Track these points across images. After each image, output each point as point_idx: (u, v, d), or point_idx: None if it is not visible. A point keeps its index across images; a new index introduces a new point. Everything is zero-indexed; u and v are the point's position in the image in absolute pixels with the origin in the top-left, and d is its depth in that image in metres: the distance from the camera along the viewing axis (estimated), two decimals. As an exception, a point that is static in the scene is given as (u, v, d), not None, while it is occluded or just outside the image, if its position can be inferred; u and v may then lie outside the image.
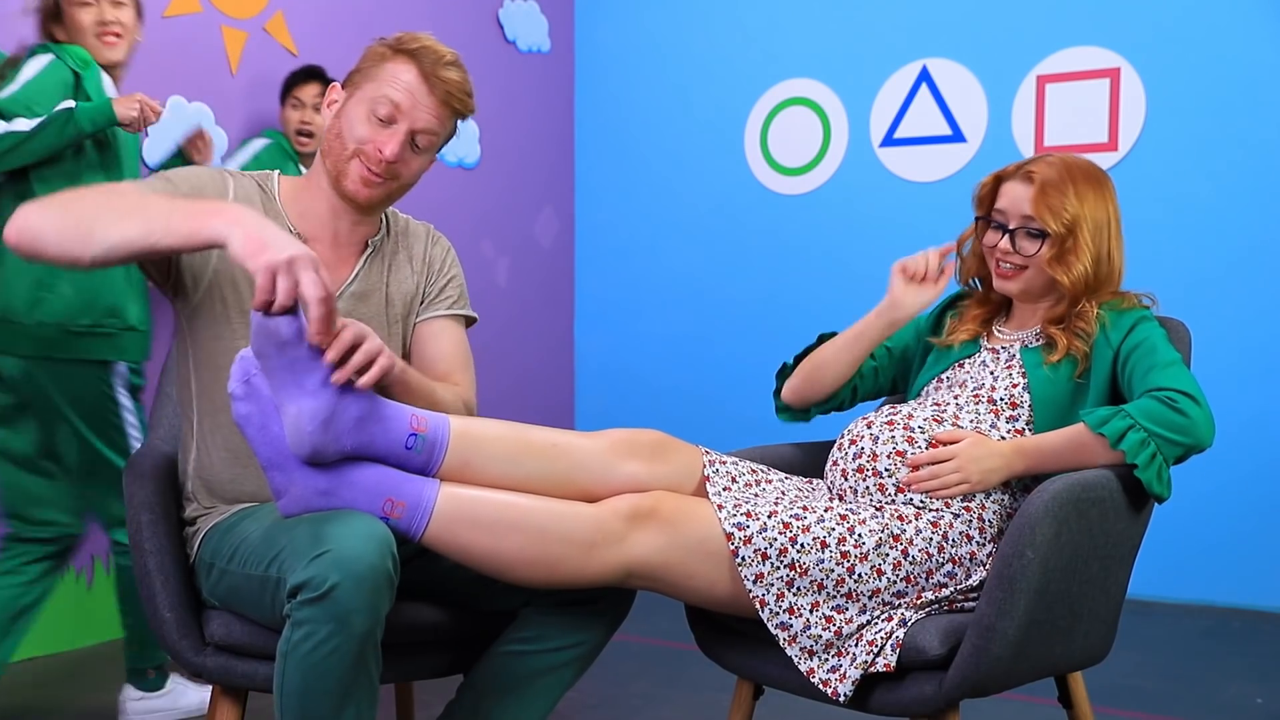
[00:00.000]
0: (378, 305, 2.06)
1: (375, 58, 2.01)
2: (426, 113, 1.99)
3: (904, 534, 1.88)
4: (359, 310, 2.03)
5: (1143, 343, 2.01)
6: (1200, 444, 1.89)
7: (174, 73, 3.65)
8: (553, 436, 1.91)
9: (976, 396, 2.08)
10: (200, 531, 1.96)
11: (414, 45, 2.01)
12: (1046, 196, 2.06)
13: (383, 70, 1.99)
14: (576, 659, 1.94)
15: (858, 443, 2.03)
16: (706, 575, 1.84)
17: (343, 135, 1.98)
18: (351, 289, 2.03)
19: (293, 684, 1.65)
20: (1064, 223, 2.05)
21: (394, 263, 2.10)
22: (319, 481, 1.74)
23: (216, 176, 1.99)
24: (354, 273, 2.04)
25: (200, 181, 1.96)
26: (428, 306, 2.12)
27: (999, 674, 1.80)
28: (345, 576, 1.61)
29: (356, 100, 1.98)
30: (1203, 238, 4.06)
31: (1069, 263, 2.06)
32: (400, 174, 2.00)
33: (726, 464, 2.02)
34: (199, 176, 1.98)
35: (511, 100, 4.87)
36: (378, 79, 1.98)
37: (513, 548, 1.78)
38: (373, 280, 2.06)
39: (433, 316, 2.12)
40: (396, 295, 2.08)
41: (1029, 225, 2.08)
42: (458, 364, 2.11)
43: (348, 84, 2.03)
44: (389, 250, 2.10)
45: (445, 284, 2.14)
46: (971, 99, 4.43)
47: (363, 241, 2.07)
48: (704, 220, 4.95)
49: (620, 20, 5.12)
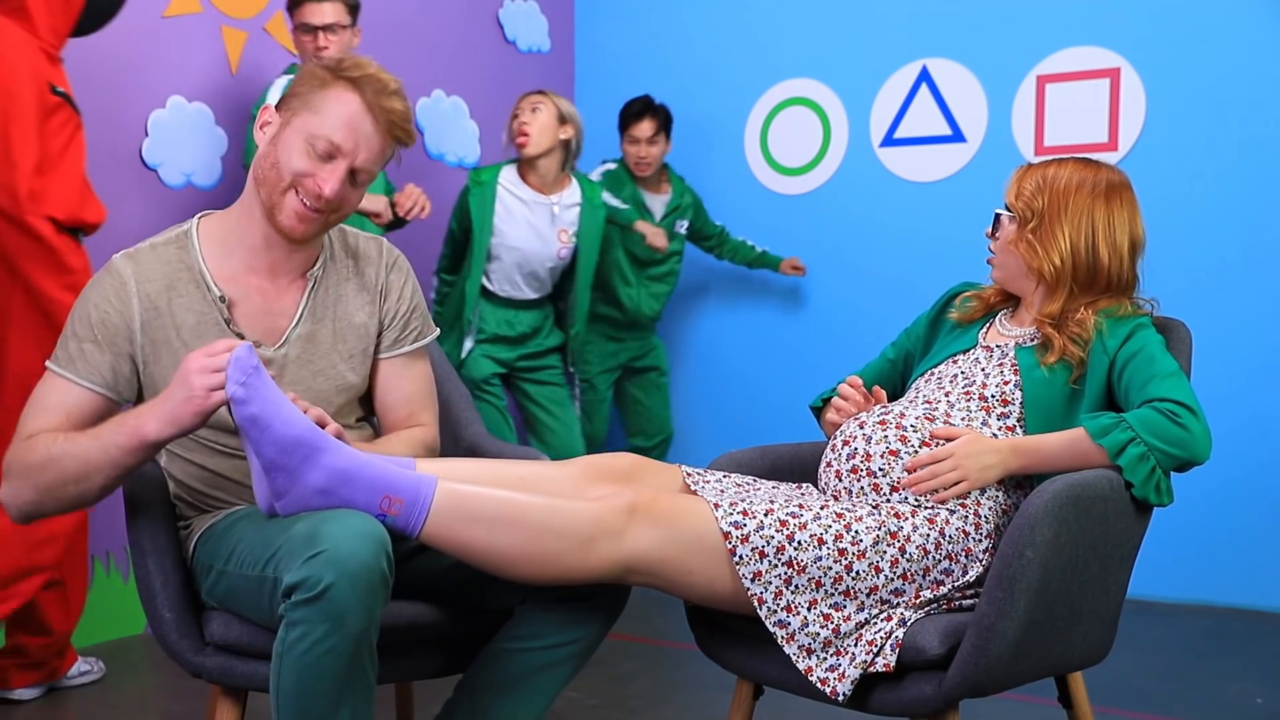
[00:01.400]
0: (326, 343, 2.00)
1: (314, 81, 1.90)
2: (368, 148, 1.90)
3: (901, 531, 1.89)
4: (307, 352, 1.98)
5: (1141, 351, 2.01)
6: (1198, 458, 1.90)
7: (174, 73, 3.65)
8: (520, 470, 1.93)
9: (967, 394, 2.08)
10: (195, 534, 1.96)
11: (357, 73, 1.90)
12: (1020, 181, 2.13)
13: (324, 99, 1.89)
14: (573, 655, 1.94)
15: (851, 443, 2.03)
16: (705, 571, 1.84)
17: (279, 165, 1.89)
18: (296, 332, 1.98)
19: (288, 684, 1.65)
20: (1033, 208, 2.10)
21: (342, 292, 2.02)
22: (318, 480, 1.74)
23: (115, 290, 1.90)
24: (297, 313, 1.98)
25: (100, 314, 1.89)
26: (392, 345, 2.07)
27: (999, 674, 1.80)
28: (340, 576, 1.61)
29: (294, 129, 1.89)
30: (1202, 237, 4.05)
31: (1046, 247, 2.08)
32: (339, 208, 1.93)
33: (710, 479, 2.02)
34: (97, 310, 1.89)
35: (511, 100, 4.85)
36: (318, 109, 1.89)
37: (511, 543, 1.79)
38: (319, 316, 2.00)
39: (398, 354, 2.08)
40: (349, 330, 2.02)
41: (1004, 211, 2.15)
42: (419, 403, 2.10)
43: (283, 106, 1.92)
44: (335, 279, 2.02)
45: (409, 316, 2.08)
46: (971, 99, 4.43)
47: (302, 269, 1.99)
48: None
49: (620, 20, 5.11)
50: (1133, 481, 1.89)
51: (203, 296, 1.94)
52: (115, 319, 1.89)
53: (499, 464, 1.97)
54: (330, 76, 1.90)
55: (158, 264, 1.94)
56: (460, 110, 4.60)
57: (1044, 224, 2.09)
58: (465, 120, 4.63)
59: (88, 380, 1.88)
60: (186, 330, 1.92)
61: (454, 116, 4.57)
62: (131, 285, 1.91)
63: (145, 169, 3.60)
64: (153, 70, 3.60)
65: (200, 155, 3.72)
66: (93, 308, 1.90)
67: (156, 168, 3.62)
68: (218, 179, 3.76)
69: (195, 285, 1.94)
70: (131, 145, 3.58)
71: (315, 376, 2.00)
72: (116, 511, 2.74)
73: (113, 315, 1.89)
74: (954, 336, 2.24)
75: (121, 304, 1.90)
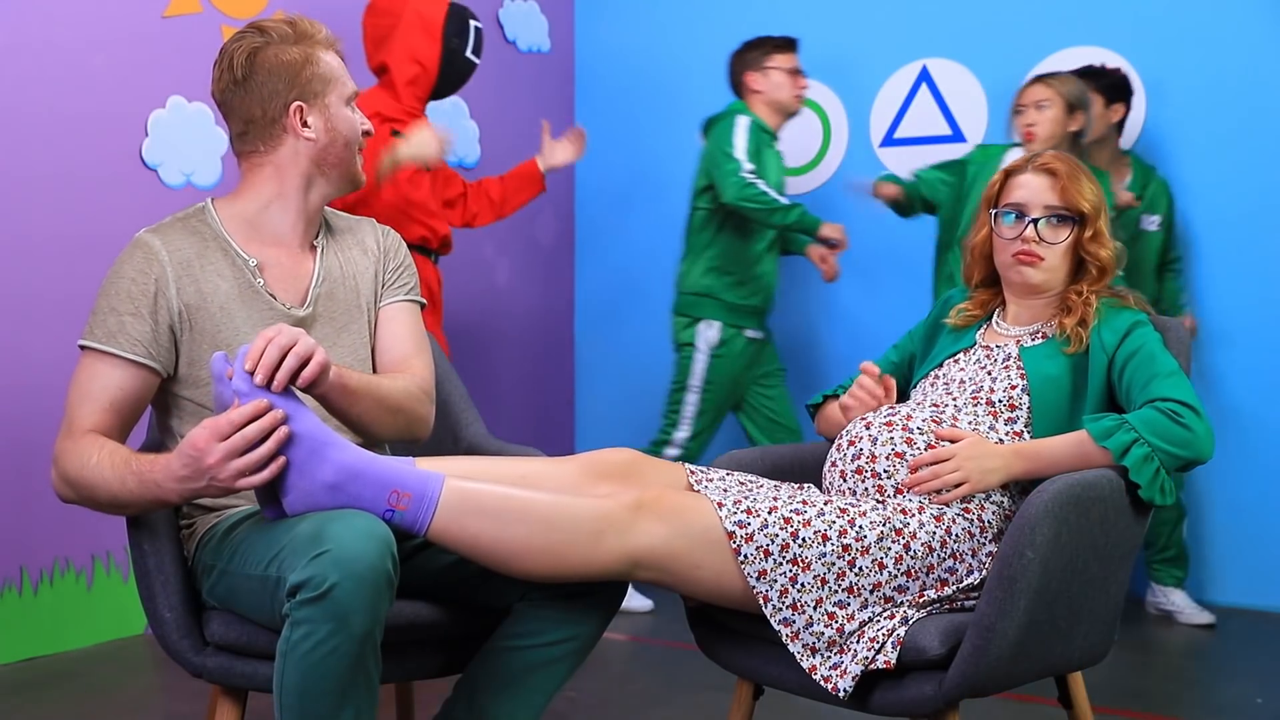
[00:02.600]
0: (347, 296, 2.09)
1: (303, 62, 1.99)
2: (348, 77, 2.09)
3: (907, 528, 1.89)
4: (331, 308, 2.06)
5: (1140, 349, 2.02)
6: (1201, 457, 1.91)
7: (174, 73, 3.65)
8: (521, 468, 1.93)
9: (975, 398, 2.08)
10: (197, 533, 1.96)
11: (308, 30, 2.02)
12: (1075, 183, 2.13)
13: (320, 67, 2.01)
14: (571, 653, 1.94)
15: (856, 444, 2.03)
16: (714, 566, 1.84)
17: (348, 139, 2.04)
18: (319, 291, 2.05)
19: (292, 684, 1.65)
20: (1093, 206, 2.13)
21: (348, 255, 2.12)
22: (328, 475, 1.74)
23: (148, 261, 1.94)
24: (314, 275, 2.06)
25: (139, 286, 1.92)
26: (386, 292, 2.14)
27: (999, 674, 1.80)
28: (345, 576, 1.61)
29: (333, 104, 2.02)
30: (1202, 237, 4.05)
31: (1103, 241, 2.13)
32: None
33: (713, 477, 2.02)
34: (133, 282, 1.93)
35: (511, 100, 4.86)
36: (327, 77, 2.01)
37: (519, 537, 1.79)
38: (335, 274, 2.08)
39: (390, 302, 2.14)
40: (361, 282, 2.11)
41: (1056, 213, 2.13)
42: (412, 347, 2.12)
43: (306, 101, 2.00)
44: (336, 245, 2.11)
45: (401, 270, 2.16)
46: (971, 99, 4.43)
47: (310, 238, 2.09)
48: (704, 220, 4.94)
49: (620, 20, 5.11)
50: (1139, 483, 1.89)
51: (232, 263, 1.99)
52: (152, 288, 1.93)
53: (500, 462, 1.97)
54: (302, 51, 2.00)
55: (184, 234, 1.99)
56: (460, 110, 4.60)
57: (1101, 221, 2.14)
58: (465, 120, 4.63)
59: (132, 353, 1.90)
60: (222, 294, 1.97)
61: (454, 116, 4.56)
62: (163, 254, 1.95)
63: (145, 169, 3.60)
64: (153, 70, 3.60)
65: (200, 155, 3.72)
66: (128, 281, 1.93)
67: (156, 168, 3.62)
68: (218, 179, 3.76)
69: (223, 253, 1.99)
70: (131, 145, 3.58)
71: (339, 333, 2.05)
72: (117, 511, 2.74)
73: (149, 285, 1.93)
74: (952, 338, 2.25)
75: (156, 273, 1.94)
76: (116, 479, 1.81)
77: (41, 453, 3.46)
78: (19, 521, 3.31)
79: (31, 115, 3.34)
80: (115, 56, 3.51)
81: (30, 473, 3.30)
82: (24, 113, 3.33)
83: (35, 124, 3.35)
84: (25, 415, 3.29)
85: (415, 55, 3.54)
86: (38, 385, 3.29)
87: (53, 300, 3.37)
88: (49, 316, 3.36)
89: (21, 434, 3.29)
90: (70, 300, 3.41)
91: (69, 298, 3.39)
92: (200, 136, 3.71)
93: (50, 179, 3.38)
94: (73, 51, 3.42)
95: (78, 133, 3.44)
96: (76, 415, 1.89)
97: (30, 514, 3.33)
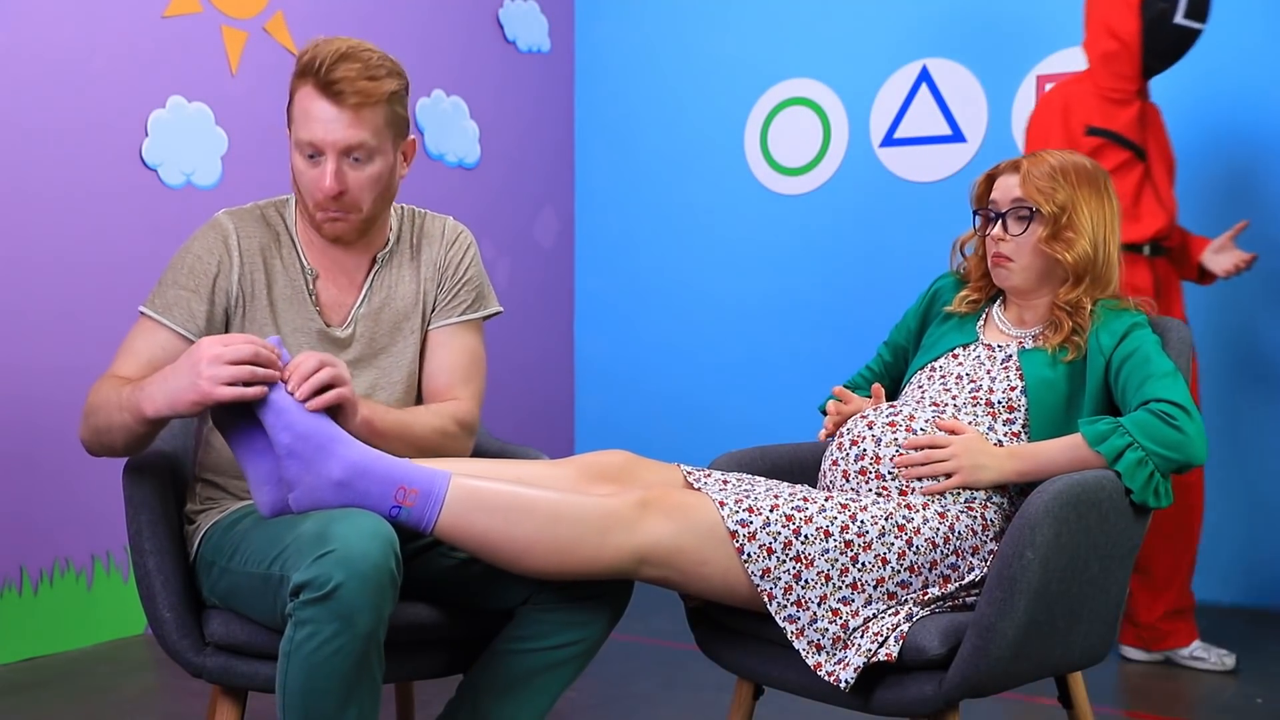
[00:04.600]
0: (391, 319, 2.07)
1: (291, 94, 1.96)
2: (339, 127, 1.90)
3: (910, 523, 1.89)
4: (371, 329, 2.05)
5: (1136, 351, 2.02)
6: (1193, 460, 1.91)
7: (174, 73, 3.65)
8: (518, 470, 1.92)
9: (974, 398, 2.08)
10: (201, 529, 1.97)
11: (305, 58, 1.92)
12: (1035, 178, 2.11)
13: (296, 104, 1.94)
14: (575, 656, 1.94)
15: (859, 443, 2.03)
16: (720, 562, 1.84)
17: (296, 183, 2.00)
18: (360, 311, 2.04)
19: (296, 683, 1.65)
20: (1056, 203, 2.09)
21: (402, 274, 2.09)
22: (335, 471, 1.74)
23: (218, 242, 1.98)
24: (361, 294, 2.05)
25: (203, 265, 1.97)
26: (439, 314, 2.10)
27: (999, 674, 1.80)
28: (349, 576, 1.61)
29: (293, 144, 1.96)
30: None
31: (1068, 240, 2.09)
32: (358, 197, 1.95)
33: (712, 476, 2.02)
34: (200, 260, 1.97)
35: (511, 100, 4.86)
36: (294, 117, 1.95)
37: (526, 533, 1.79)
38: (381, 296, 2.07)
39: (441, 325, 2.10)
40: (403, 305, 2.08)
41: (1019, 208, 2.12)
42: (459, 376, 2.09)
43: (290, 131, 1.98)
44: (397, 261, 2.09)
45: (459, 288, 2.11)
46: (971, 99, 4.43)
47: (371, 256, 2.07)
48: (704, 220, 4.95)
49: (620, 20, 5.11)
50: (1131, 487, 1.89)
51: (295, 263, 2.03)
52: (214, 269, 1.97)
53: (499, 463, 1.97)
54: (294, 78, 1.94)
55: (259, 224, 2.03)
56: (460, 110, 4.60)
57: (1070, 217, 2.10)
58: (465, 120, 4.63)
59: (181, 326, 1.94)
60: (275, 291, 2.01)
61: (454, 117, 4.57)
62: (234, 239, 1.99)
63: (145, 169, 3.60)
64: (153, 70, 3.61)
65: (200, 155, 3.72)
66: (195, 258, 1.98)
67: (156, 168, 3.62)
68: (218, 179, 3.76)
69: (290, 250, 2.03)
70: (131, 145, 3.58)
71: (376, 355, 2.06)
72: (116, 511, 2.75)
73: (213, 266, 1.97)
74: (951, 327, 2.24)
75: (223, 256, 1.98)
76: (115, 394, 1.83)
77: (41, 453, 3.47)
78: (19, 521, 3.31)
79: (31, 115, 3.34)
80: (115, 57, 3.51)
81: (30, 473, 3.31)
82: (24, 113, 3.33)
83: (35, 124, 3.35)
84: (25, 415, 3.30)
85: (1110, 27, 3.27)
86: (38, 385, 3.29)
87: (52, 299, 3.37)
88: (49, 316, 3.36)
89: (21, 434, 3.29)
90: (70, 299, 3.41)
91: (69, 297, 3.39)
92: (200, 137, 3.72)
93: (50, 179, 3.38)
94: (73, 51, 3.43)
95: (78, 133, 3.44)
96: (116, 365, 1.94)
97: (30, 514, 3.33)
